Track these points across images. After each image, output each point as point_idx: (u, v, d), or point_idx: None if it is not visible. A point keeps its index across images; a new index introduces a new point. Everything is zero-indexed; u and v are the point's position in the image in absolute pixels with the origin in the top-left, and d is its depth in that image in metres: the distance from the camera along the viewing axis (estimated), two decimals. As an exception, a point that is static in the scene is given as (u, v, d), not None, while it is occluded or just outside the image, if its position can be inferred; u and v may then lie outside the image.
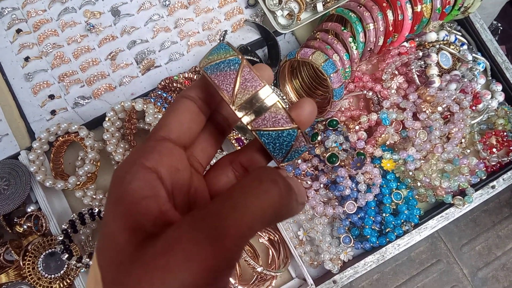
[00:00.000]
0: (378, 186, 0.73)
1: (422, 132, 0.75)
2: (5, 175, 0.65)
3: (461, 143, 0.77)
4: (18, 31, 0.75)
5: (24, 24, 0.76)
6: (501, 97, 0.79)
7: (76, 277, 0.66)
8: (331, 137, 0.75)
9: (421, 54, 0.79)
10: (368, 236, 0.72)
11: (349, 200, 0.73)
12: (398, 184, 0.76)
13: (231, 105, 0.23)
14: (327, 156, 0.73)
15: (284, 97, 0.79)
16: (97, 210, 0.65)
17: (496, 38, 2.18)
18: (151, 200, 0.21)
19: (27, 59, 0.74)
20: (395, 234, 0.72)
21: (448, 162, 0.76)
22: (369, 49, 0.74)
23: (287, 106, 0.73)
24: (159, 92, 0.70)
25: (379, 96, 0.78)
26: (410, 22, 0.73)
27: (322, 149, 0.75)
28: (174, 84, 0.71)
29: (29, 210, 0.68)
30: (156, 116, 0.65)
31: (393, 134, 0.75)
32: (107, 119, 0.67)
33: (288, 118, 0.24)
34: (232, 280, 0.68)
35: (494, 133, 0.77)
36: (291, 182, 0.21)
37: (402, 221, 0.73)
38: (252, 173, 0.20)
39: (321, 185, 0.74)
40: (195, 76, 0.71)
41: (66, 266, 0.64)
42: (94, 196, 0.70)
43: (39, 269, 0.64)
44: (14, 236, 0.69)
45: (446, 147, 0.74)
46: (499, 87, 0.80)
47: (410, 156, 0.74)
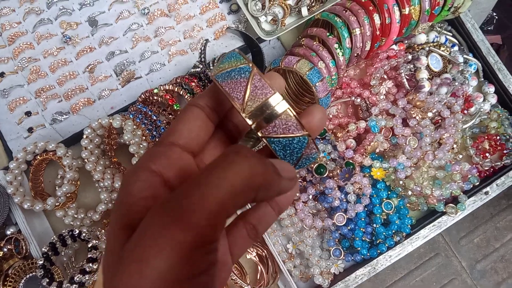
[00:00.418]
0: (368, 196, 0.72)
1: (413, 139, 0.72)
2: (-18, 198, 0.63)
3: (453, 149, 0.75)
4: (-8, 45, 0.72)
5: (-2, 38, 0.73)
6: (494, 100, 0.77)
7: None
8: (319, 147, 0.73)
9: (411, 57, 0.76)
10: (359, 248, 0.70)
11: (339, 212, 0.71)
12: (389, 193, 0.74)
13: (242, 113, 0.24)
14: (315, 167, 0.71)
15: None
16: (78, 232, 0.63)
17: (491, 28, 2.16)
18: (150, 201, 0.21)
19: (2, 75, 0.72)
20: (386, 246, 0.70)
21: (440, 169, 0.73)
22: (356, 55, 0.72)
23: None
24: (139, 106, 0.68)
25: (368, 103, 0.76)
26: (398, 25, 0.71)
27: (310, 160, 0.72)
28: (155, 97, 0.69)
29: (9, 233, 0.66)
30: (135, 133, 0.62)
31: (383, 142, 0.73)
32: (85, 137, 0.64)
33: (299, 125, 0.24)
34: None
35: (487, 137, 0.75)
36: (272, 160, 0.21)
37: (393, 232, 0.71)
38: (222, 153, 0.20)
39: (310, 197, 0.72)
40: (176, 88, 0.69)
41: (48, 290, 0.63)
42: (76, 216, 0.68)
43: (20, 294, 0.62)
44: (-5, 259, 0.67)
45: (437, 154, 0.71)
46: (492, 89, 0.77)
47: (401, 164, 0.71)
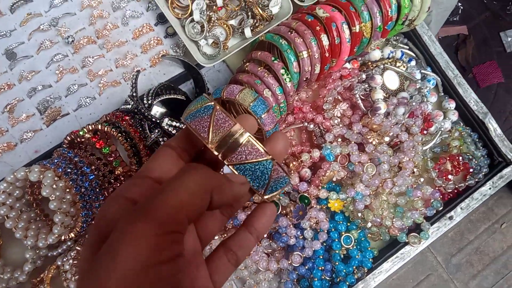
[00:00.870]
0: (326, 231, 0.66)
1: (370, 166, 0.67)
2: None
3: (414, 173, 0.70)
4: None
5: None
6: (454, 117, 0.72)
7: None
8: (271, 180, 0.67)
9: (365, 77, 0.70)
10: (318, 289, 0.65)
11: (295, 251, 0.66)
12: (348, 224, 0.69)
13: (208, 145, 0.26)
14: (267, 204, 0.65)
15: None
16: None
17: (457, 18, 2.13)
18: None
19: None
20: (347, 284, 0.65)
21: (401, 195, 0.69)
22: (305, 79, 0.66)
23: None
24: (64, 151, 0.60)
25: (322, 128, 0.70)
26: (349, 45, 0.65)
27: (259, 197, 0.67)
28: (82, 140, 0.61)
29: None
30: (56, 187, 0.55)
31: (339, 170, 0.68)
32: (1, 192, 0.56)
33: (261, 151, 0.26)
34: None
35: (449, 158, 0.71)
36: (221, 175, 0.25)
37: (354, 268, 0.66)
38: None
39: (264, 236, 0.66)
40: (106, 128, 0.61)
41: None
42: (1, 276, 0.60)
43: None
44: None
45: (397, 181, 0.67)
46: (452, 105, 0.73)
47: (359, 194, 0.66)
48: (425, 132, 0.71)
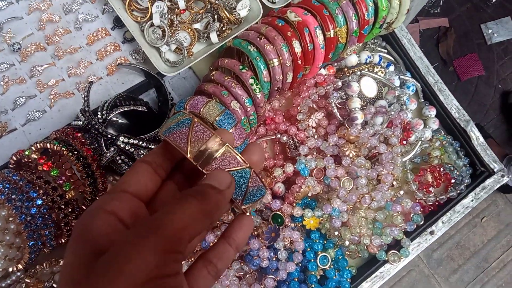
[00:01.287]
0: (301, 252, 0.62)
1: (347, 180, 0.63)
2: None
3: (393, 186, 0.66)
4: None
5: None
6: (435, 125, 0.68)
7: None
8: (242, 197, 0.62)
9: (341, 84, 0.66)
10: (293, 314, 0.61)
11: (269, 273, 0.61)
12: (325, 243, 0.65)
13: (187, 155, 0.27)
14: (237, 225, 0.60)
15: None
16: None
17: (438, 10, 2.10)
18: (112, 235, 0.24)
19: None
20: (324, 307, 0.61)
21: (379, 210, 0.65)
22: (277, 88, 0.61)
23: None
24: (8, 174, 0.54)
25: (296, 140, 0.65)
26: (323, 51, 0.60)
27: (231, 217, 0.62)
28: (28, 160, 0.55)
29: None
30: (-4, 218, 0.49)
31: (315, 186, 0.63)
32: None
33: (239, 160, 0.27)
34: None
35: (429, 170, 0.67)
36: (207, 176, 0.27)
37: (331, 289, 0.62)
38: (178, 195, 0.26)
39: (232, 260, 0.62)
40: (55, 147, 0.55)
41: None
42: None
43: None
44: None
45: (375, 196, 0.63)
46: (433, 112, 0.69)
47: (335, 210, 0.62)
48: (405, 142, 0.67)
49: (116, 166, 0.59)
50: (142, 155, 0.57)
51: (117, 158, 0.57)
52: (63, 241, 0.59)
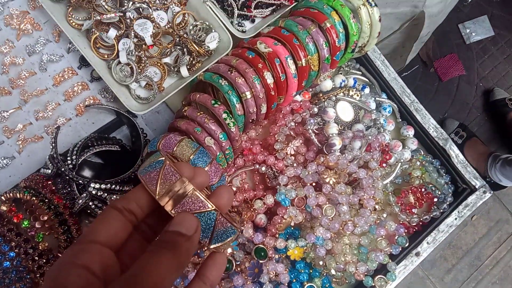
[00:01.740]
0: (286, 284, 0.61)
1: (329, 208, 0.62)
2: None
3: (375, 209, 0.65)
4: None
5: None
6: (414, 145, 0.68)
7: None
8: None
9: (317, 110, 0.65)
10: None
11: (254, 309, 0.60)
12: (311, 272, 0.63)
13: (155, 196, 0.28)
14: (219, 262, 0.59)
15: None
16: None
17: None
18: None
19: None
20: None
21: (363, 234, 0.64)
22: (251, 120, 0.59)
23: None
24: (-25, 229, 0.51)
25: (275, 170, 0.64)
26: (296, 80, 0.59)
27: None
28: (-2, 213, 0.53)
29: None
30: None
31: (297, 215, 0.62)
32: None
33: (205, 202, 0.28)
34: None
35: (411, 190, 0.66)
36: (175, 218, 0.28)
37: (320, 321, 0.61)
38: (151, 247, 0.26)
39: (218, 296, 0.60)
40: (26, 196, 0.53)
41: None
42: None
43: None
44: None
45: (358, 222, 0.62)
46: (411, 132, 0.68)
47: (319, 238, 0.61)
48: (384, 165, 0.66)
49: (90, 211, 0.57)
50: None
51: (90, 203, 0.55)
52: (40, 291, 0.57)
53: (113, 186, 0.55)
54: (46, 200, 0.54)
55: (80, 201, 0.54)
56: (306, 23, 0.59)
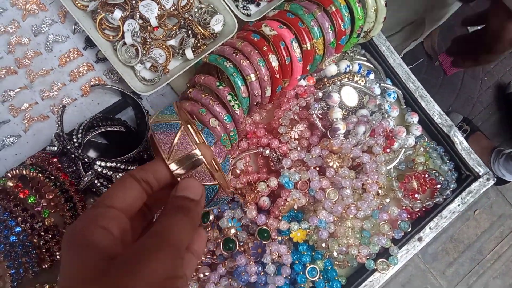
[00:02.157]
0: (289, 265, 0.61)
1: (332, 191, 0.62)
2: None
3: (378, 194, 0.65)
4: None
5: None
6: (418, 131, 0.68)
7: None
8: (226, 214, 0.61)
9: (321, 95, 0.65)
10: (283, 330, 0.60)
11: (257, 289, 0.60)
12: (313, 254, 0.64)
13: (167, 160, 0.30)
14: (223, 243, 0.60)
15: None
16: None
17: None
18: (110, 247, 0.26)
19: None
20: (315, 320, 0.61)
21: (366, 219, 0.64)
22: (256, 103, 0.60)
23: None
24: (-18, 206, 0.52)
25: (279, 153, 0.65)
26: (301, 64, 0.59)
27: (216, 234, 0.61)
28: (5, 188, 0.53)
29: None
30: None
31: (300, 198, 0.62)
32: None
33: (211, 177, 0.32)
34: None
35: (414, 176, 0.66)
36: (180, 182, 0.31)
37: (321, 302, 0.62)
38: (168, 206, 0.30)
39: (220, 276, 0.61)
40: (32, 173, 0.54)
41: None
42: None
43: None
44: None
45: (361, 206, 0.62)
46: (415, 118, 0.68)
47: (322, 221, 0.61)
48: (388, 150, 0.66)
49: (96, 189, 0.58)
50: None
51: (96, 182, 0.56)
52: (46, 266, 0.57)
53: (119, 165, 0.55)
54: (52, 177, 0.54)
55: (86, 179, 0.54)
56: (312, 7, 0.59)
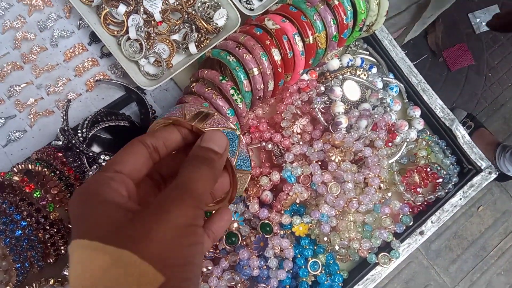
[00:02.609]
0: (291, 259, 0.62)
1: (334, 185, 0.63)
2: None
3: (380, 188, 0.66)
4: None
5: None
6: (420, 125, 0.68)
7: None
8: (229, 207, 0.62)
9: (324, 89, 0.65)
10: (286, 322, 0.61)
11: (260, 282, 0.61)
12: (315, 248, 0.64)
13: (185, 118, 0.32)
14: (225, 237, 0.60)
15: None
16: None
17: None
18: (126, 204, 0.26)
19: None
20: (317, 313, 0.61)
21: (368, 213, 0.65)
22: (258, 97, 0.60)
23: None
24: (-10, 198, 0.53)
25: (281, 147, 0.65)
26: (303, 58, 0.60)
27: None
28: (11, 182, 0.54)
29: None
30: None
31: (302, 192, 0.63)
32: None
33: (226, 122, 0.33)
34: None
35: (416, 170, 0.67)
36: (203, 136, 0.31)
37: (323, 296, 0.62)
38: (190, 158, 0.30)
39: (223, 270, 0.61)
40: (38, 168, 0.54)
41: None
42: None
43: None
44: None
45: (363, 200, 0.62)
46: (417, 112, 0.68)
47: (324, 215, 0.62)
48: (390, 144, 0.66)
49: (100, 183, 0.58)
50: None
51: (100, 176, 0.56)
52: (52, 261, 0.58)
53: (122, 159, 0.56)
54: (57, 172, 0.55)
55: (91, 173, 0.55)
56: (314, 0, 0.60)
